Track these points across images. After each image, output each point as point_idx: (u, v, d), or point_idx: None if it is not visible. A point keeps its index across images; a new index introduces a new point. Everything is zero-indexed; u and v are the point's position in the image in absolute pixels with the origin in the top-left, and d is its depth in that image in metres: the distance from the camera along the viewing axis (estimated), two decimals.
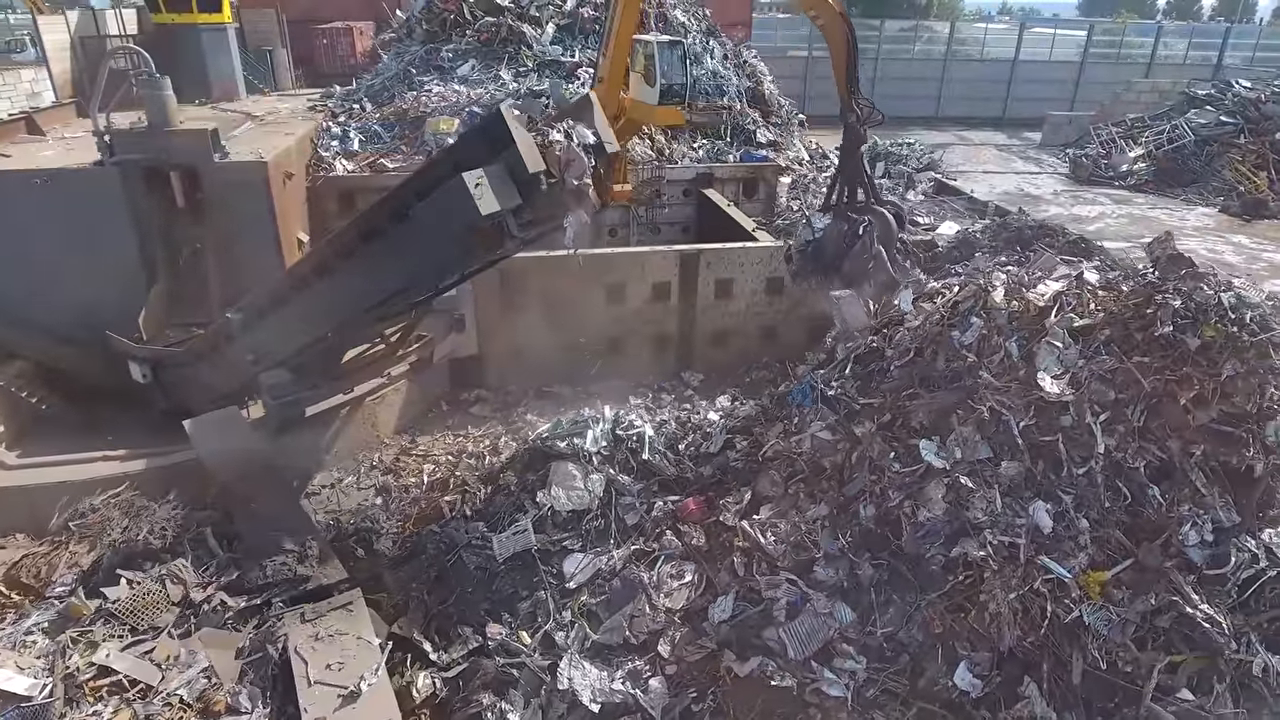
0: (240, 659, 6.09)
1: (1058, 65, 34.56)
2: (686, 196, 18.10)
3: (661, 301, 12.71)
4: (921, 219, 15.14)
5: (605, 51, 13.48)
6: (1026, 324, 6.81)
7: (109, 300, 12.33)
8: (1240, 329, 6.08)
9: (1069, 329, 6.59)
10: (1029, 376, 6.53)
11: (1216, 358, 6.08)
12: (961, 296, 7.26)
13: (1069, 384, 6.36)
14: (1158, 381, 6.27)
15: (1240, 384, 6.10)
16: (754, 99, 24.58)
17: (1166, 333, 6.15)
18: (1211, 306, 6.18)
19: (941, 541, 6.35)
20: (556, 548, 7.77)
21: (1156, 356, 6.24)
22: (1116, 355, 6.38)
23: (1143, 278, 6.74)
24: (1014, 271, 7.39)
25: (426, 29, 19.55)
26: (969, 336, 6.90)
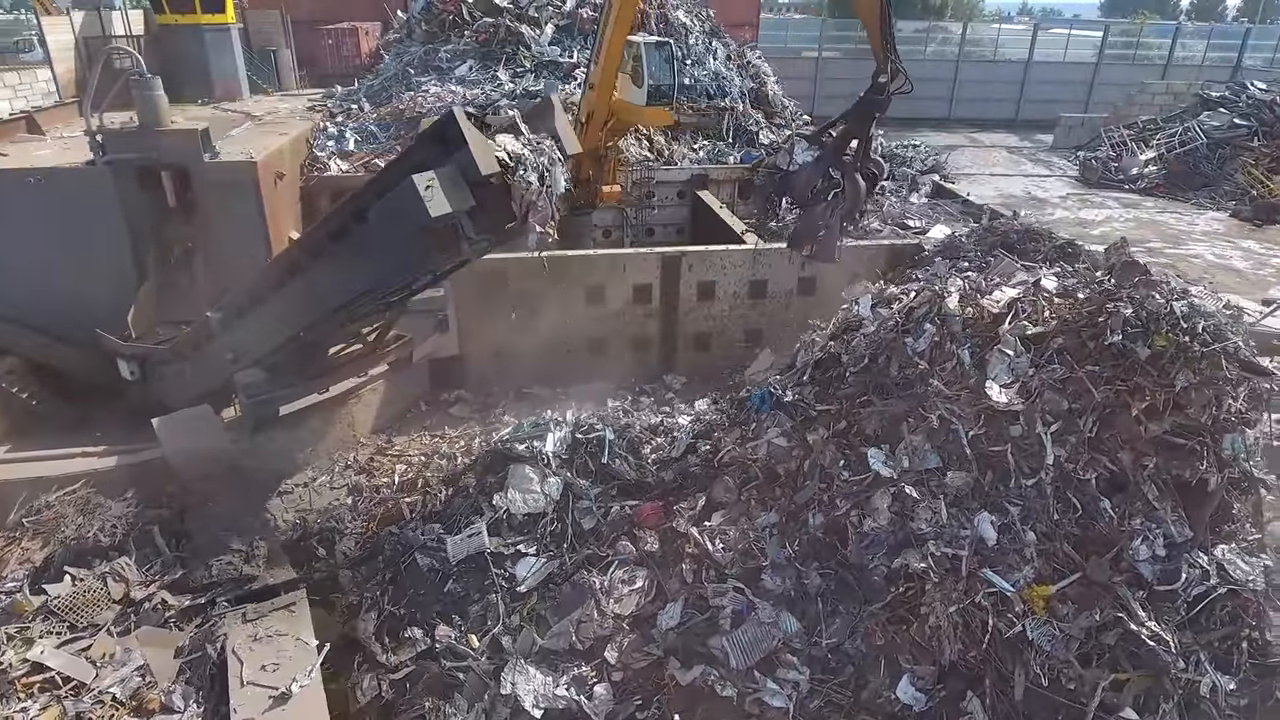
0: (179, 658, 6.14)
1: (1072, 66, 34.09)
2: (681, 198, 18.02)
3: (643, 304, 12.66)
4: (913, 222, 14.94)
5: (597, 59, 13.43)
6: (980, 331, 6.69)
7: (101, 298, 12.48)
8: (1192, 339, 5.92)
9: (1021, 337, 6.45)
10: (980, 385, 6.41)
11: (1168, 368, 5.93)
12: (917, 302, 7.14)
13: (1019, 393, 6.23)
14: (1109, 392, 6.12)
15: (1194, 395, 5.94)
16: (757, 100, 24.45)
17: (1117, 342, 6.00)
18: (1163, 315, 6.03)
19: (885, 552, 6.25)
20: (510, 551, 7.73)
21: (1108, 366, 6.09)
22: (1068, 364, 6.24)
23: (1098, 285, 6.58)
24: (973, 278, 7.25)
25: (426, 30, 19.66)
26: (922, 343, 6.79)
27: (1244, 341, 6.21)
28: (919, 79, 37.24)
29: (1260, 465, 6.29)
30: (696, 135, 22.36)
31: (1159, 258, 19.34)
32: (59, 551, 6.87)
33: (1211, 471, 6.03)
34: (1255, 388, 6.42)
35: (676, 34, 21.89)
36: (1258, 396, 6.45)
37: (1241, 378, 6.10)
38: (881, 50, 9.78)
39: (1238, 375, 6.04)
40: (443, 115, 7.34)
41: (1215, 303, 6.47)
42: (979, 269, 7.50)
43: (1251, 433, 6.23)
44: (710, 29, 23.92)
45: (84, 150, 13.16)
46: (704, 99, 22.54)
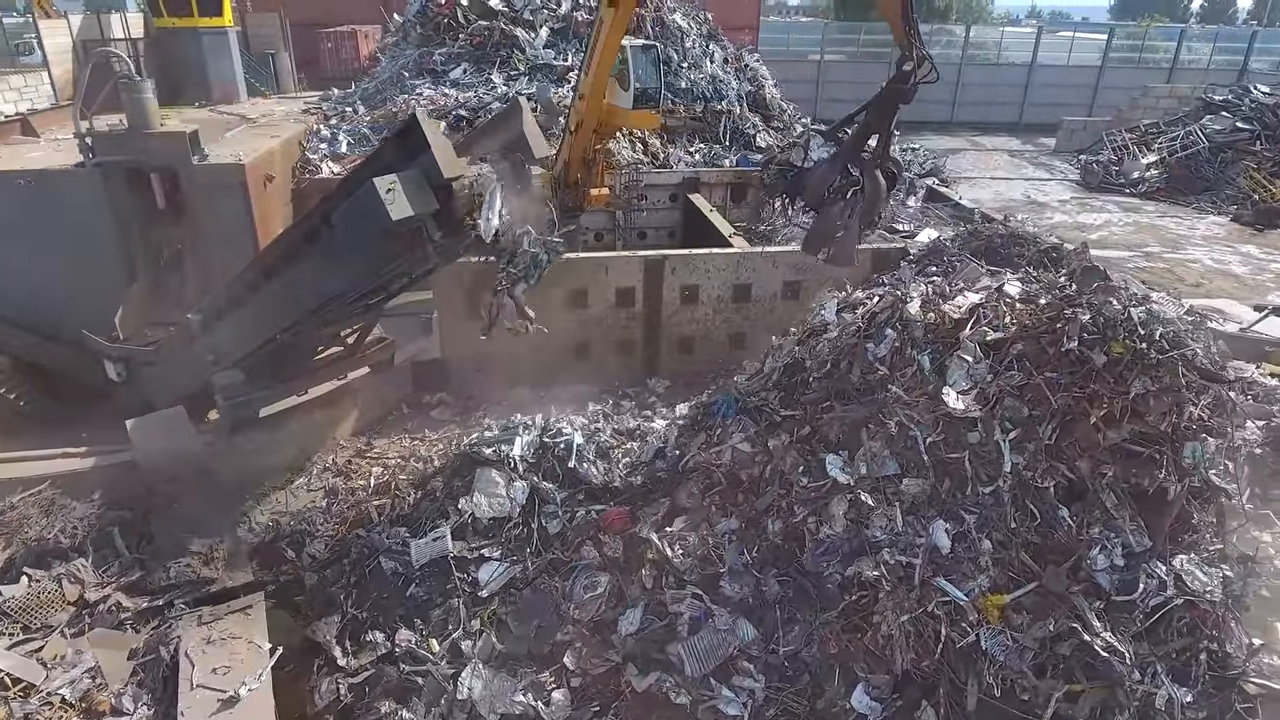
0: (133, 660, 6.15)
1: (1076, 70, 33.86)
2: (673, 201, 17.98)
3: (626, 307, 12.63)
4: (902, 225, 14.85)
5: (587, 69, 13.36)
6: (941, 337, 6.63)
7: (90, 299, 12.57)
8: (1149, 346, 5.83)
9: (981, 343, 6.39)
10: (939, 391, 6.34)
11: (1125, 375, 5.85)
12: (879, 308, 7.08)
13: (977, 400, 6.16)
14: (1068, 399, 6.05)
15: (1152, 403, 5.86)
16: (755, 103, 24.41)
17: (1073, 348, 5.93)
18: (1120, 322, 5.95)
19: (839, 559, 6.19)
20: (474, 555, 7.72)
21: (1065, 373, 6.02)
22: (1027, 371, 6.17)
23: (1059, 291, 6.51)
24: (937, 283, 7.19)
25: (421, 33, 19.71)
26: (882, 349, 6.73)
27: (1205, 348, 6.13)
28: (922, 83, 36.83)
29: (1223, 474, 6.19)
30: (693, 138, 22.36)
31: (1157, 262, 19.18)
32: (20, 553, 6.91)
33: (1171, 480, 5.95)
34: (1219, 395, 6.34)
35: (673, 37, 21.90)
36: (1221, 404, 6.36)
37: (1203, 385, 6.02)
38: (905, 36, 9.00)
39: (1198, 383, 5.96)
40: (405, 118, 7.36)
41: (1177, 309, 6.38)
42: (945, 274, 7.44)
43: (1213, 441, 6.13)
44: (708, 32, 23.89)
45: (75, 152, 13.27)
46: (700, 102, 22.55)
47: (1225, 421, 6.39)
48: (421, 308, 12.86)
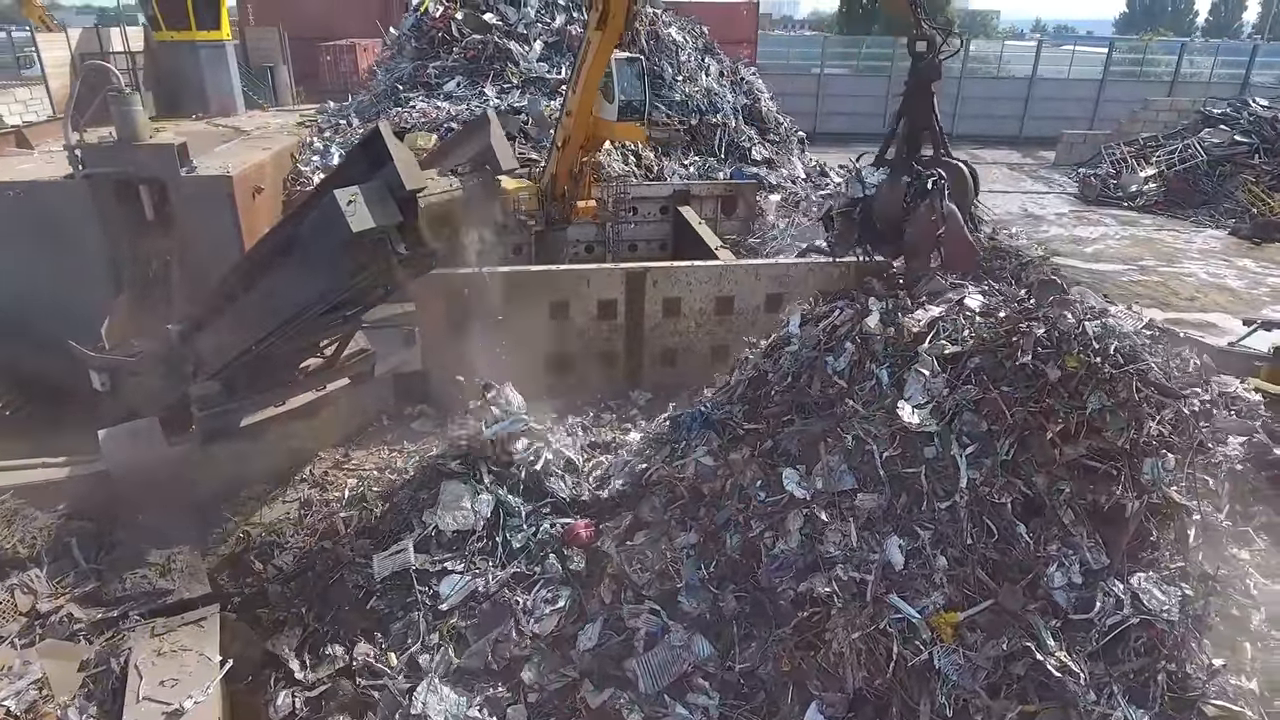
0: (83, 672, 6.14)
1: (1077, 83, 33.80)
2: (664, 213, 18.00)
3: (608, 319, 12.61)
4: None
5: (574, 87, 13.41)
6: (900, 351, 6.57)
7: (79, 309, 12.66)
8: (1103, 360, 5.76)
9: (939, 356, 6.32)
10: (895, 404, 6.28)
11: (1080, 390, 5.78)
12: (839, 320, 7.03)
13: (932, 413, 6.09)
14: (1024, 413, 5.98)
15: (1109, 418, 5.78)
16: (751, 116, 24.49)
17: (1027, 362, 5.86)
18: (1074, 336, 5.88)
19: (792, 575, 6.12)
20: (436, 568, 7.67)
21: (1020, 387, 5.95)
22: (984, 385, 6.10)
23: (1018, 304, 6.44)
24: (899, 296, 7.13)
25: (416, 46, 19.86)
26: (841, 362, 6.68)
27: (1163, 363, 6.04)
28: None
29: (1185, 490, 6.10)
30: (687, 151, 22.44)
31: (1152, 276, 19.03)
32: None
33: (1129, 497, 5.85)
34: (1181, 411, 6.25)
35: (667, 50, 22.00)
36: (1185, 420, 6.27)
37: (1162, 401, 5.94)
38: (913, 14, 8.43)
39: (1157, 398, 5.88)
40: (368, 130, 7.39)
41: (1135, 323, 6.30)
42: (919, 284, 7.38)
43: (1174, 457, 6.04)
44: (704, 45, 24.00)
45: (67, 164, 13.40)
46: (695, 115, 22.64)
47: (1189, 438, 6.30)
48: (405, 320, 12.90)
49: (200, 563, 7.18)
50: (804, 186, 23.22)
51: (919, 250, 8.13)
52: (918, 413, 6.09)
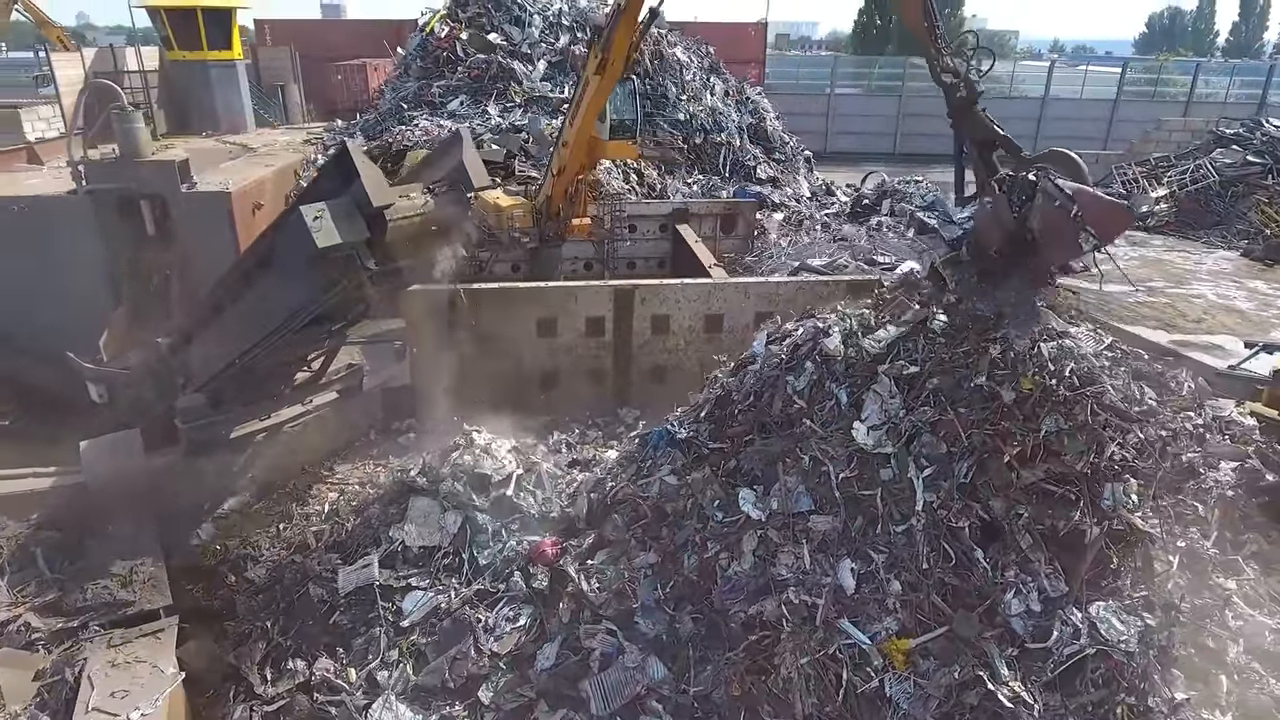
0: (39, 681, 6.17)
1: (1090, 103, 33.57)
2: (663, 231, 18.01)
3: (596, 336, 12.61)
4: (882, 258, 14.72)
5: (571, 120, 13.43)
6: (860, 371, 6.49)
7: (80, 321, 12.89)
8: (1058, 383, 5.65)
9: (896, 378, 6.24)
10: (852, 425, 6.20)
11: (1036, 412, 5.67)
12: (801, 339, 6.97)
13: (888, 435, 6.01)
14: (981, 436, 5.87)
15: (1066, 442, 5.67)
16: (757, 135, 24.55)
17: (982, 383, 5.76)
18: (1029, 357, 5.77)
19: (744, 597, 6.03)
20: (401, 584, 7.66)
21: (977, 409, 5.85)
22: (941, 406, 6.00)
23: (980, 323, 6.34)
24: (865, 314, 7.05)
25: (421, 66, 20.15)
26: (801, 382, 6.61)
27: (1123, 385, 5.92)
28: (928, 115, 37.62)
29: (1149, 517, 5.95)
30: (691, 169, 22.53)
31: (1159, 297, 18.71)
32: None
33: (1088, 523, 5.72)
34: (1149, 435, 6.12)
35: (671, 70, 22.13)
36: (1150, 445, 6.14)
37: (1124, 426, 5.81)
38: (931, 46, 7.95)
39: (1117, 422, 5.75)
40: (337, 148, 7.48)
41: (1096, 344, 6.18)
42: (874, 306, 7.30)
43: (1136, 482, 5.91)
44: (709, 65, 24.12)
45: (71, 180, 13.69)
46: (700, 134, 22.74)
47: (1154, 463, 6.17)
48: (394, 335, 13.00)
49: (164, 574, 7.21)
50: (808, 205, 23.21)
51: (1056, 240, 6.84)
52: (873, 434, 6.00)
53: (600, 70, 11.96)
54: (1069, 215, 6.50)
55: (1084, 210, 6.48)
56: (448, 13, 20.50)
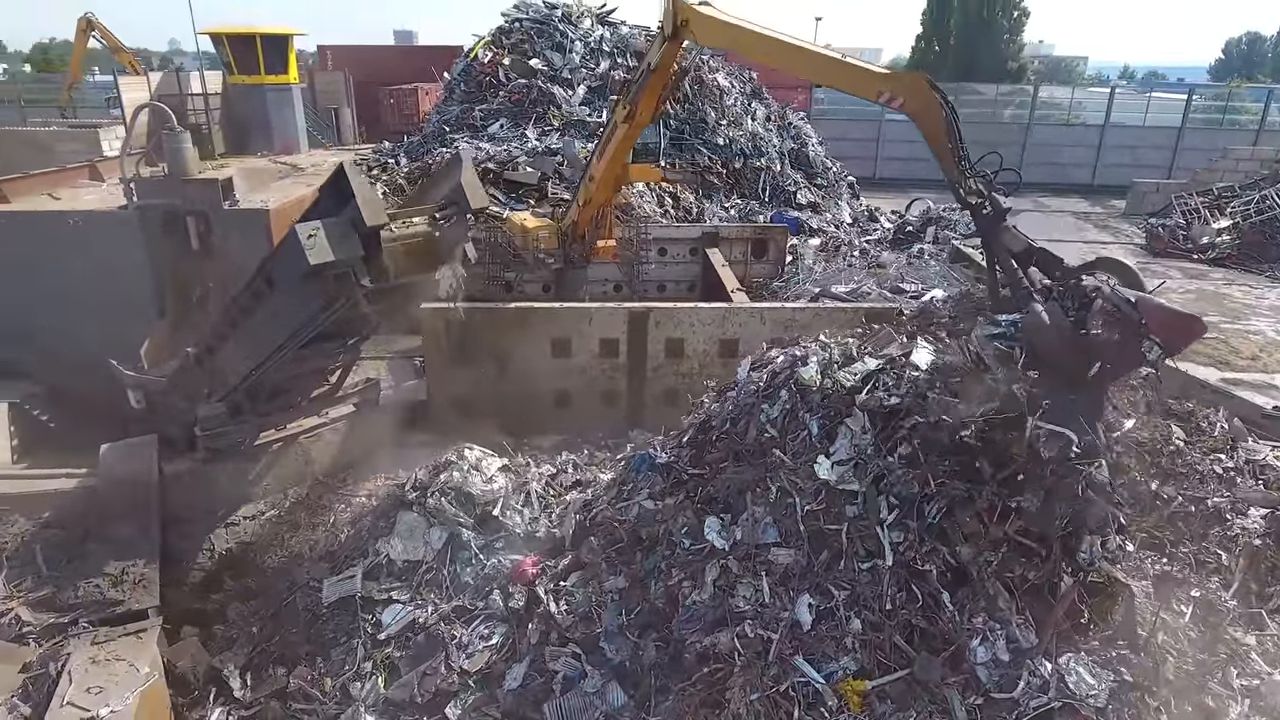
0: (25, 673, 6.44)
1: (1154, 130, 32.38)
2: (693, 255, 18.01)
3: (610, 358, 12.63)
4: (909, 285, 14.41)
5: (598, 158, 13.61)
6: (835, 403, 6.34)
7: (125, 330, 13.54)
8: (1045, 465, 5.38)
9: (872, 411, 6.07)
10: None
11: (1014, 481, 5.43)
12: (779, 366, 6.85)
13: (855, 472, 5.84)
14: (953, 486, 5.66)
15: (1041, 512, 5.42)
16: (798, 161, 24.43)
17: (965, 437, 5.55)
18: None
19: (701, 628, 5.92)
20: (383, 596, 7.76)
21: (953, 459, 5.64)
22: (914, 448, 5.81)
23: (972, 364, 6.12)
24: (850, 344, 6.89)
25: (464, 90, 20.66)
26: (775, 410, 6.49)
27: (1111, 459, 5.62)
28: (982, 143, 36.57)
29: (1130, 568, 5.64)
30: (730, 193, 22.53)
31: (1213, 332, 17.84)
32: None
33: (1062, 575, 5.46)
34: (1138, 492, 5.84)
35: (711, 95, 22.22)
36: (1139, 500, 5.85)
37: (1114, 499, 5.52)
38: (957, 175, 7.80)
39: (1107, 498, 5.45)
40: (336, 168, 7.72)
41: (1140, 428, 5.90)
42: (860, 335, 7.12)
43: (1117, 537, 5.61)
44: (751, 90, 24.15)
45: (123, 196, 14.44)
46: (739, 158, 22.74)
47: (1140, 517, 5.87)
48: (416, 351, 13.28)
49: (155, 576, 7.47)
50: (848, 231, 22.94)
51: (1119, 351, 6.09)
52: (836, 469, 5.85)
53: (628, 120, 12.13)
54: (1133, 325, 5.90)
55: (1149, 320, 5.91)
56: (492, 39, 21.02)
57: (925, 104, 7.95)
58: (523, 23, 21.04)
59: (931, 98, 7.93)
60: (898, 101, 8.25)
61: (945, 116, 7.82)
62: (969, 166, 7.76)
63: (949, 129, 7.75)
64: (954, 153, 7.74)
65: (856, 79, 8.77)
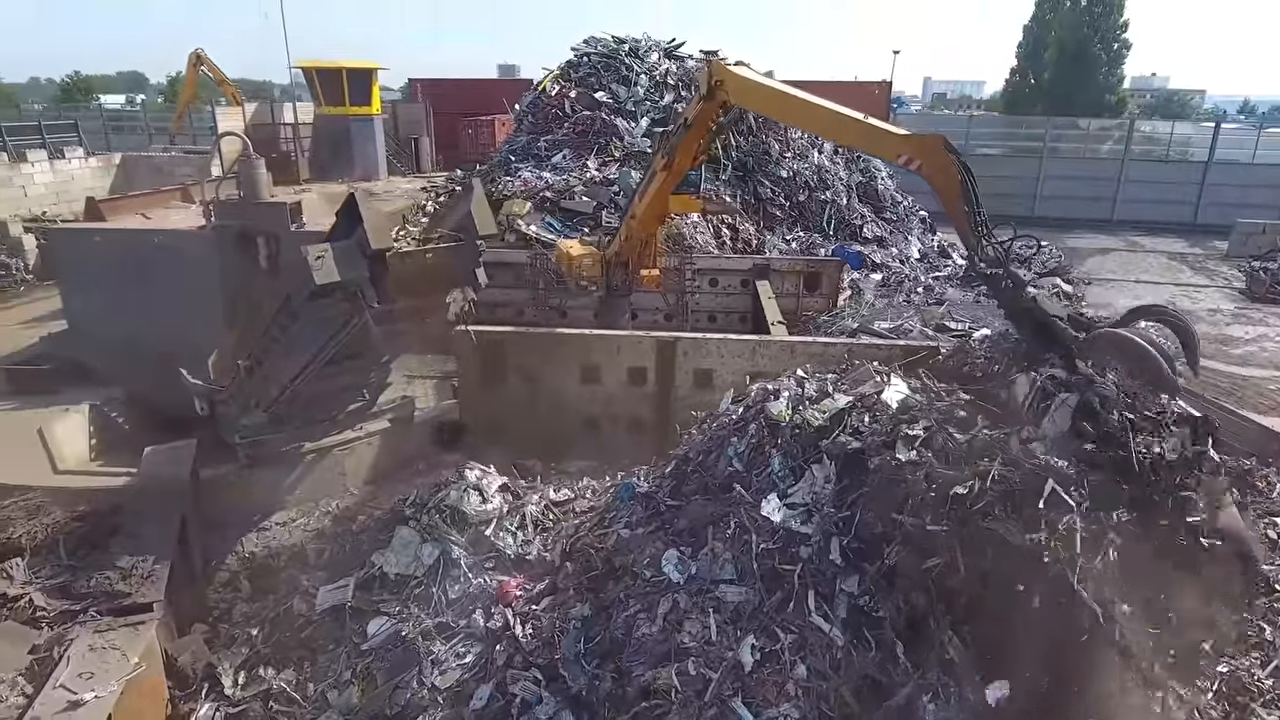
0: (32, 655, 6.94)
1: (1263, 169, 30.27)
2: (744, 286, 17.93)
3: (638, 386, 12.68)
4: (955, 323, 13.89)
5: (640, 197, 13.77)
6: (804, 441, 6.19)
7: (199, 342, 14.53)
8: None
9: (838, 456, 5.90)
10: (783, 494, 5.91)
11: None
12: (752, 401, 6.74)
13: (805, 514, 5.68)
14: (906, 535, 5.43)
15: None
16: (866, 194, 24.07)
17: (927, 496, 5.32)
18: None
19: (646, 661, 5.83)
20: (372, 608, 7.98)
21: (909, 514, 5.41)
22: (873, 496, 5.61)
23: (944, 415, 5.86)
24: (829, 380, 6.71)
25: (532, 121, 21.34)
26: (742, 444, 6.38)
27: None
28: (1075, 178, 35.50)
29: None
30: (793, 225, 22.37)
31: None
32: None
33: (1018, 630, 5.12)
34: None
35: (775, 128, 22.19)
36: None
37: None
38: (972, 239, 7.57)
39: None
40: (347, 195, 8.14)
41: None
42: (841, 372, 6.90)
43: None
44: None
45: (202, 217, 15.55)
46: (803, 191, 22.58)
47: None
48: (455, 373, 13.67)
49: (164, 573, 7.91)
50: (915, 267, 22.35)
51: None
52: (784, 511, 5.69)
53: (666, 168, 12.32)
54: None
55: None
56: (561, 73, 21.68)
57: (940, 166, 7.71)
58: (591, 57, 21.62)
59: (947, 159, 7.67)
60: (915, 164, 8.05)
61: (961, 180, 7.57)
62: (986, 232, 7.44)
63: (965, 192, 7.48)
64: (969, 218, 7.42)
65: (877, 140, 8.66)
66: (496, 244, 17.91)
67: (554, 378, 12.67)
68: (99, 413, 14.48)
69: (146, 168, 25.84)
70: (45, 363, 15.44)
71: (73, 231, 16.74)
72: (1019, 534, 4.77)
